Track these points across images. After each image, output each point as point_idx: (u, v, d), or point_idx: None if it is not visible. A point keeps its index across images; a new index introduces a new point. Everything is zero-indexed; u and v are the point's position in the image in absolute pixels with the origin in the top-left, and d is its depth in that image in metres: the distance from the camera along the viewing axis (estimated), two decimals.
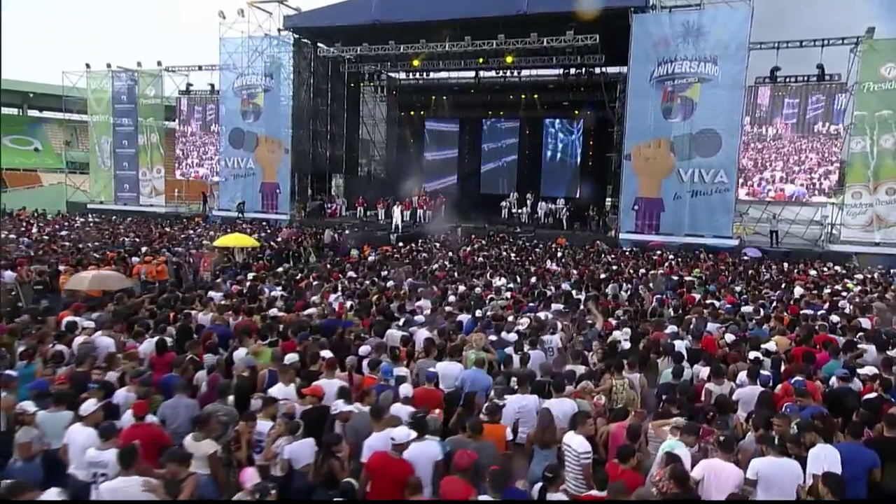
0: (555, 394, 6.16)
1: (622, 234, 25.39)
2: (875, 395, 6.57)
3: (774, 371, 7.57)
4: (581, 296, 12.33)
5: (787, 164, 24.20)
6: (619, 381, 6.91)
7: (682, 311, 11.29)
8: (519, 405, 6.01)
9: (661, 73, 24.44)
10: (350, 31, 28.02)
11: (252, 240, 17.09)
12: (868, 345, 8.56)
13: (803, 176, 24.09)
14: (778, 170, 24.47)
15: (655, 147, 24.78)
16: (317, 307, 9.88)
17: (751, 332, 9.53)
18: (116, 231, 21.39)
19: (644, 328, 9.38)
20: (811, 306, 11.66)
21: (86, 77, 32.86)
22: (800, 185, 24.17)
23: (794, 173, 24.20)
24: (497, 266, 16.01)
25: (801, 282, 15.44)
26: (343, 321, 8.79)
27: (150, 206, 32.19)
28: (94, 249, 15.44)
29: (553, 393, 6.18)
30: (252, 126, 30.18)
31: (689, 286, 13.72)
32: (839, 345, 8.69)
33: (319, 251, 20.80)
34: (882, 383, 6.64)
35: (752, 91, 24.27)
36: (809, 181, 24.00)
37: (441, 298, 11.16)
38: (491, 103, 34.42)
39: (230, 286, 11.34)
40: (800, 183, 24.18)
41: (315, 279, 12.43)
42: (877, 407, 6.25)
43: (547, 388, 6.33)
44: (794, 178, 24.27)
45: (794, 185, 24.30)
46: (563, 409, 5.93)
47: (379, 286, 11.92)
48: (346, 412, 5.61)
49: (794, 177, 24.25)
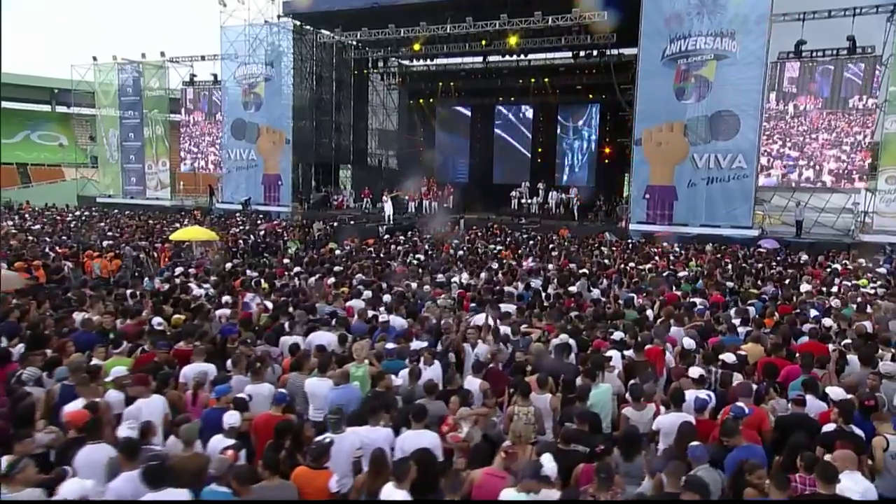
0: (413, 424, 4.97)
1: (632, 224, 23.77)
2: (833, 428, 5.17)
3: (722, 391, 6.21)
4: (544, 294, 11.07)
5: (815, 146, 22.07)
6: (521, 407, 5.68)
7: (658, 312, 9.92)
8: (363, 440, 4.82)
9: (674, 50, 22.66)
10: (349, 16, 26.99)
11: (210, 233, 16.26)
12: (852, 355, 7.08)
13: (833, 158, 21.98)
14: (805, 152, 22.40)
15: (668, 131, 23.05)
16: (230, 308, 8.88)
17: (723, 339, 8.13)
18: (94, 225, 20.93)
19: (592, 335, 8.05)
20: (813, 306, 10.11)
21: (93, 70, 32.74)
22: (829, 168, 22.09)
23: (823, 156, 22.10)
24: (473, 261, 14.78)
25: (816, 277, 13.75)
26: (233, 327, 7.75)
27: (156, 199, 31.95)
28: (49, 245, 14.78)
29: (412, 423, 5.00)
30: (253, 116, 29.53)
31: (674, 282, 12.24)
32: (828, 354, 7.26)
33: (306, 244, 19.96)
34: (841, 411, 5.21)
35: (777, 66, 22.27)
36: (840, 165, 21.88)
37: (376, 297, 10.01)
38: (502, 89, 32.93)
39: (155, 284, 10.44)
40: (829, 167, 22.09)
41: (262, 277, 11.45)
42: (830, 444, 4.88)
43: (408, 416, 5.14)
44: (822, 162, 22.19)
45: (823, 169, 22.23)
46: (422, 444, 4.74)
47: (317, 284, 10.85)
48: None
49: (823, 160, 22.16)
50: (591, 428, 5.31)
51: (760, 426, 5.52)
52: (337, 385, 5.85)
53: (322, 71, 30.71)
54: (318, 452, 4.34)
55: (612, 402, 6.16)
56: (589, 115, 32.60)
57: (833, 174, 21.91)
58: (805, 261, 16.92)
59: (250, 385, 5.90)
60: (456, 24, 25.42)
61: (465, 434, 4.72)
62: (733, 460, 4.66)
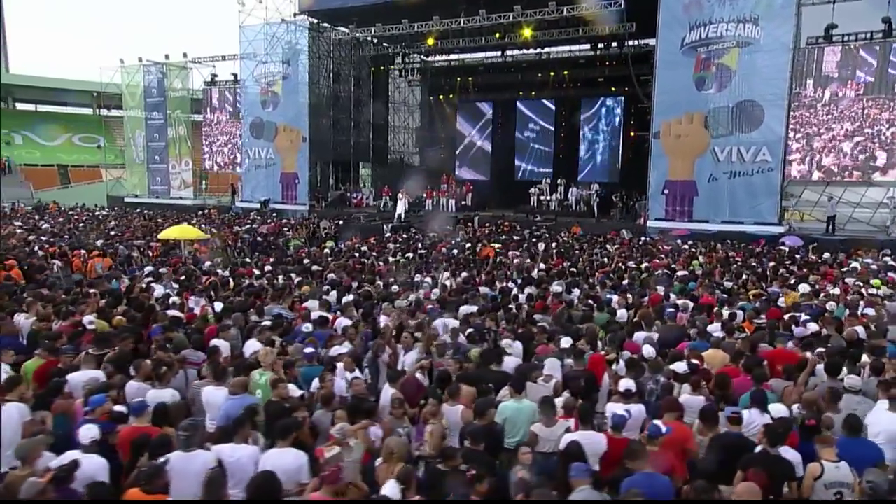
0: (279, 442, 4.53)
1: (650, 221, 22.77)
2: (759, 451, 4.51)
3: (657, 405, 5.57)
4: (522, 295, 10.50)
5: (852, 136, 20.71)
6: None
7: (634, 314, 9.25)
8: (226, 459, 4.38)
9: (694, 38, 21.58)
10: (363, 12, 26.80)
11: (199, 231, 16.21)
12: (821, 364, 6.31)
13: (874, 148, 20.61)
14: (840, 143, 21.05)
15: (687, 123, 21.97)
16: (177, 309, 8.62)
17: (692, 344, 7.44)
18: (107, 224, 21.25)
19: (540, 339, 7.47)
20: (809, 308, 9.24)
21: (120, 72, 33.46)
22: (865, 159, 20.73)
23: (860, 147, 20.73)
24: (463, 260, 14.26)
25: (828, 277, 12.74)
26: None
27: (179, 198, 32.43)
28: (40, 245, 14.92)
29: (277, 441, 4.56)
30: (271, 115, 29.61)
31: (666, 282, 11.46)
32: (795, 363, 6.53)
33: (312, 242, 19.80)
34: (767, 431, 4.53)
35: (815, 51, 20.95)
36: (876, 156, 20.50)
37: (340, 298, 9.63)
38: (523, 83, 32.09)
39: (119, 284, 10.29)
40: (865, 157, 20.73)
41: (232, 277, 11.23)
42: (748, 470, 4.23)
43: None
44: (859, 153, 20.83)
45: (859, 160, 20.87)
46: (284, 465, 4.31)
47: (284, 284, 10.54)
48: None
49: (859, 151, 20.80)
50: (487, 447, 4.77)
51: (684, 446, 4.90)
52: (233, 394, 5.45)
53: (340, 69, 30.61)
54: (149, 475, 3.93)
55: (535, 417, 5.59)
56: (612, 109, 31.55)
57: (865, 164, 20.52)
58: (825, 259, 15.74)
59: (152, 391, 5.58)
60: (469, 18, 24.89)
61: (330, 455, 4.25)
62: (625, 486, 4.07)
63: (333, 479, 3.89)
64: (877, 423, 5.12)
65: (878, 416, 5.21)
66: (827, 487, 4.32)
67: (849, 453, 4.54)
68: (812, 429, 4.79)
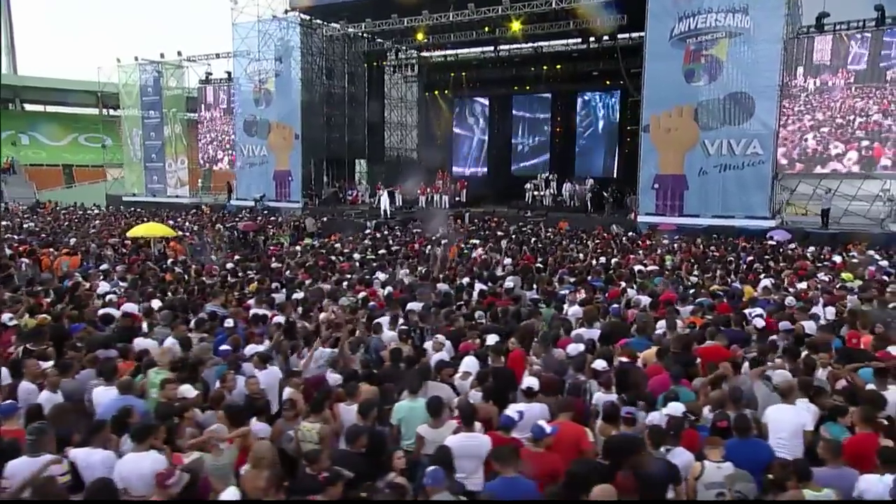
0: (136, 446, 4.34)
1: (640, 216, 22.41)
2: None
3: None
4: (475, 290, 10.29)
5: (845, 126, 20.23)
6: (308, 423, 5.00)
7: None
8: (80, 464, 4.22)
9: (683, 29, 21.19)
10: (354, 7, 26.68)
11: (168, 229, 16.16)
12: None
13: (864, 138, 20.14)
14: (832, 136, 20.56)
15: (677, 116, 21.59)
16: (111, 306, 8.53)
17: (630, 342, 7.21)
18: (91, 223, 21.32)
19: (472, 336, 7.27)
20: (763, 304, 8.96)
21: (118, 71, 33.63)
22: (859, 151, 20.24)
23: (852, 137, 20.24)
24: (429, 256, 14.06)
25: (801, 271, 12.39)
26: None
27: (176, 196, 32.54)
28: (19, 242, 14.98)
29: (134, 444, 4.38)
30: (264, 112, 29.58)
31: (629, 277, 11.21)
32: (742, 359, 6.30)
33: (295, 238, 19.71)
34: (650, 435, 4.32)
35: (805, 41, 20.47)
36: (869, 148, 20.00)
37: (290, 294, 9.49)
38: (517, 78, 31.72)
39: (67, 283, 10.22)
40: (860, 149, 20.25)
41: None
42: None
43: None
44: (852, 144, 20.34)
45: (853, 153, 20.37)
46: (140, 470, 4.12)
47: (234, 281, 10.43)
48: None
49: (853, 142, 20.30)
50: (369, 449, 4.59)
51: (578, 447, 4.68)
52: (122, 394, 5.30)
53: (333, 65, 30.49)
54: None
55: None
56: (608, 103, 31.15)
57: (863, 157, 20.03)
58: (808, 254, 15.36)
59: (45, 393, 5.47)
60: (459, 12, 24.64)
61: (189, 460, 4.08)
62: (488, 490, 3.88)
63: (162, 483, 3.70)
64: (779, 420, 4.98)
65: (779, 414, 5.04)
66: (707, 488, 4.16)
67: (739, 454, 4.38)
68: (723, 431, 4.59)
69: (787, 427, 4.94)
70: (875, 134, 19.93)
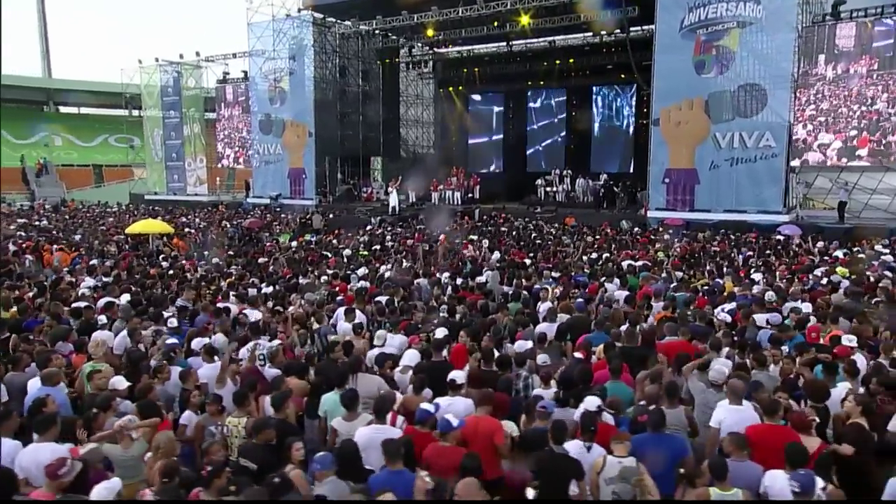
0: (37, 437, 4.32)
1: (651, 211, 22.02)
2: None
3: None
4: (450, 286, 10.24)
5: (846, 116, 19.60)
6: (234, 419, 5.02)
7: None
8: None
9: (693, 20, 20.73)
10: (364, 4, 26.76)
11: (166, 226, 16.44)
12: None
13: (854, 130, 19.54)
14: (824, 126, 19.98)
15: (687, 109, 21.14)
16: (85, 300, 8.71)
17: (588, 337, 7.09)
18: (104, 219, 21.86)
19: (424, 329, 7.24)
20: (741, 299, 8.72)
21: (139, 73, 34.40)
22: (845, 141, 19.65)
23: (846, 127, 19.61)
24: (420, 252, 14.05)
25: (793, 266, 12.05)
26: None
27: (195, 195, 33.16)
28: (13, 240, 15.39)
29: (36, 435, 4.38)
30: (279, 111, 29.93)
31: (614, 272, 11.02)
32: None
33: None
34: (551, 430, 4.24)
35: (824, 28, 19.80)
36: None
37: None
38: (532, 73, 31.38)
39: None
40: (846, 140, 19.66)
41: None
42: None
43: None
44: (840, 134, 19.77)
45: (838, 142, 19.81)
46: (39, 461, 4.09)
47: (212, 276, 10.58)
48: None
49: (842, 132, 19.72)
50: (279, 442, 4.58)
51: (492, 441, 4.60)
52: (44, 385, 5.28)
53: (347, 63, 30.66)
54: None
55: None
56: (624, 97, 30.65)
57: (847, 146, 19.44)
58: (815, 248, 14.90)
59: None
60: (468, 7, 24.53)
61: (84, 451, 4.11)
62: (374, 485, 3.84)
63: (53, 474, 3.73)
64: (722, 418, 4.84)
65: (721, 412, 4.89)
66: (607, 483, 4.09)
67: (649, 449, 4.28)
68: (643, 425, 4.50)
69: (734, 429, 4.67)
70: (873, 124, 19.22)
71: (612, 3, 22.93)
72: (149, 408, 4.91)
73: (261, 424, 4.58)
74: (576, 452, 4.28)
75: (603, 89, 31.06)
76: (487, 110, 35.03)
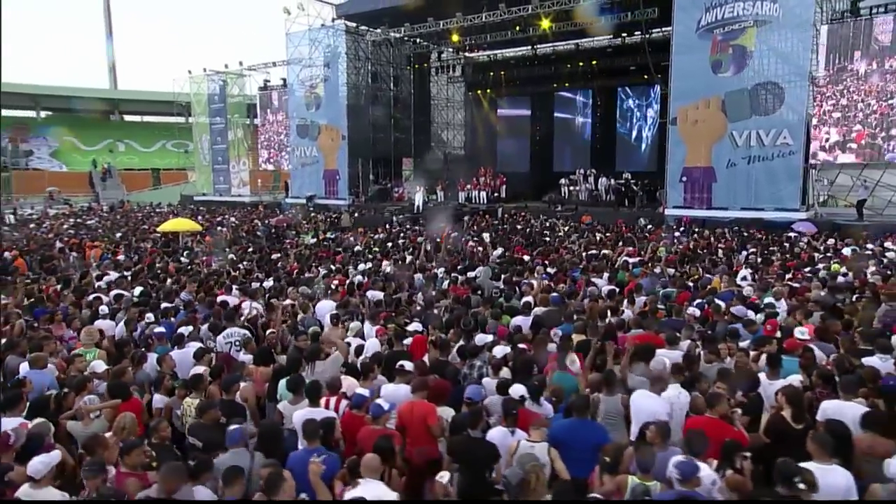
0: (6, 413, 4.93)
1: (668, 209, 22.23)
2: None
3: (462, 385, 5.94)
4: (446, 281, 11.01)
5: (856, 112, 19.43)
6: (189, 400, 5.54)
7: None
8: None
9: (710, 20, 20.89)
10: (392, 13, 27.81)
11: (195, 224, 17.77)
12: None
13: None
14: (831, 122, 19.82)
15: (704, 108, 21.31)
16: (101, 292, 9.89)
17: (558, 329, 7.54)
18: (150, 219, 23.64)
19: (399, 321, 8.06)
20: (725, 295, 9.09)
21: (189, 82, 36.56)
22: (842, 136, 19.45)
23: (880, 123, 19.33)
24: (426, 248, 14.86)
25: (788, 262, 12.30)
26: None
27: (238, 196, 35.00)
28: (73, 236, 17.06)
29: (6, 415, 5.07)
30: (315, 115, 31.34)
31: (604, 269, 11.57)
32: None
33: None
34: (469, 415, 4.93)
35: (862, 23, 19.45)
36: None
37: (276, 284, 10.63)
38: (558, 75, 31.85)
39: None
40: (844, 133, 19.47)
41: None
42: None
43: None
44: (841, 129, 19.59)
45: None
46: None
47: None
48: None
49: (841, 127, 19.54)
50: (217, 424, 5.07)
51: (426, 422, 5.07)
52: (31, 368, 5.90)
53: (378, 68, 31.83)
54: None
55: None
56: (647, 97, 30.73)
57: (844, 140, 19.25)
58: (828, 246, 15.00)
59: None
60: (491, 12, 25.28)
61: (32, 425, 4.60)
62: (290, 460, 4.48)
63: (3, 444, 4.20)
64: (639, 408, 5.13)
65: (640, 401, 5.18)
66: (519, 466, 4.26)
67: (569, 434, 4.70)
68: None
69: (643, 417, 4.93)
70: (883, 119, 18.92)
71: (631, 5, 23.22)
72: (118, 388, 5.38)
73: (206, 405, 5.05)
74: (500, 437, 4.67)
75: (627, 90, 31.23)
76: (515, 112, 35.64)
